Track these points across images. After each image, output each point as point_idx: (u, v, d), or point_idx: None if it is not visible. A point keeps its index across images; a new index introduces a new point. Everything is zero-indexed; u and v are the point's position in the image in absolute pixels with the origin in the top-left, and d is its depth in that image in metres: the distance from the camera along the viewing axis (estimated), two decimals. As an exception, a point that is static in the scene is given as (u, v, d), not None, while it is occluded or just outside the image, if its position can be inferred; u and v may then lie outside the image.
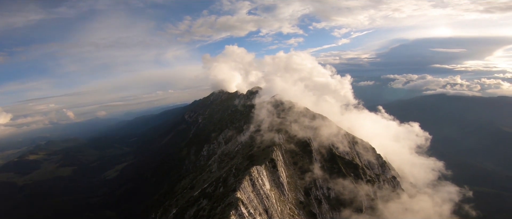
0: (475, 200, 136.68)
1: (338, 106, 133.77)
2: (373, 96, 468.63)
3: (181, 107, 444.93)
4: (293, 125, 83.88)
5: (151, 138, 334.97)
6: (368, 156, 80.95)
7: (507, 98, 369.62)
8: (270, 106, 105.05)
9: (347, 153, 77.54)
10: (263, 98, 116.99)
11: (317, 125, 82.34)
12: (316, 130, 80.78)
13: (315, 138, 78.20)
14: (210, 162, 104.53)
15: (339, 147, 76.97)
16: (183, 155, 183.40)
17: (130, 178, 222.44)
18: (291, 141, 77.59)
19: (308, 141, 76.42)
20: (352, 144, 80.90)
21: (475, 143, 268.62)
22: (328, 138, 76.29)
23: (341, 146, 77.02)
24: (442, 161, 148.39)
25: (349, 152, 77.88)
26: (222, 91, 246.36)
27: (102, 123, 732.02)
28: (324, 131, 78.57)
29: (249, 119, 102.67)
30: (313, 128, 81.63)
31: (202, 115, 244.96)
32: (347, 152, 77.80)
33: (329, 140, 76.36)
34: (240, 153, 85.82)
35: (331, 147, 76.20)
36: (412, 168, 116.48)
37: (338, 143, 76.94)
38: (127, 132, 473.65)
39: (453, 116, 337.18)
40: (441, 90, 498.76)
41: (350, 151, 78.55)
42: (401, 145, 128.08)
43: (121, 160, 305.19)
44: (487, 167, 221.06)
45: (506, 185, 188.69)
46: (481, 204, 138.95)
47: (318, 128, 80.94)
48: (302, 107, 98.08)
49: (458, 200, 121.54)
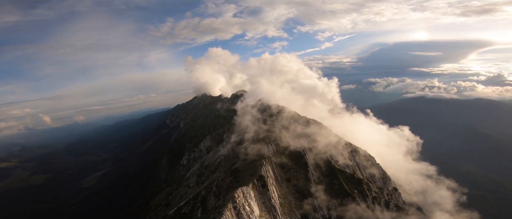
0: (470, 204, 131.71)
1: (326, 110, 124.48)
2: (356, 100, 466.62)
3: (163, 112, 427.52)
4: (284, 132, 71.71)
5: (132, 143, 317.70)
6: (368, 167, 69.94)
7: (482, 101, 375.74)
8: (255, 111, 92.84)
9: (348, 165, 65.97)
10: (247, 102, 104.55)
11: (311, 132, 70.51)
12: (310, 138, 68.92)
13: (310, 148, 66.24)
14: (189, 175, 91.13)
15: (339, 160, 65.36)
16: (163, 164, 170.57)
17: (109, 186, 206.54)
18: (282, 153, 65.25)
19: (303, 152, 64.33)
20: (352, 155, 69.50)
21: (455, 145, 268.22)
22: (326, 149, 64.54)
23: (341, 158, 65.45)
24: (430, 164, 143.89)
25: (349, 165, 66.34)
26: (205, 95, 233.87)
27: (81, 128, 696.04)
28: (321, 140, 66.80)
29: (231, 127, 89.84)
30: (307, 136, 69.79)
31: (184, 119, 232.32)
32: (348, 164, 66.24)
33: (327, 152, 64.59)
34: (222, 166, 72.82)
35: (329, 159, 64.44)
36: (407, 175, 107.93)
37: (338, 155, 65.35)
38: (107, 137, 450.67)
39: (433, 118, 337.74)
40: (420, 93, 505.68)
41: (351, 163, 67.06)
42: (393, 150, 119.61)
43: (99, 167, 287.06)
44: (469, 169, 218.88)
45: (490, 187, 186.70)
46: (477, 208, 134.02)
47: (313, 136, 69.14)
48: (292, 112, 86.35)
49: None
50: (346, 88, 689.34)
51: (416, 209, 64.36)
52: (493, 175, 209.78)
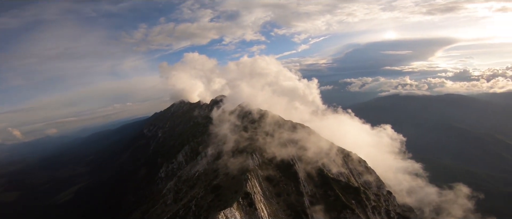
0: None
1: (308, 112, 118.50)
2: (334, 101, 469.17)
3: (141, 121, 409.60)
4: (268, 140, 63.66)
5: (109, 155, 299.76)
6: (362, 172, 63.36)
7: (452, 96, 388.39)
8: (234, 118, 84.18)
9: (341, 173, 58.99)
10: (224, 109, 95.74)
11: (299, 138, 62.97)
12: (299, 145, 61.41)
13: (299, 156, 58.66)
14: (165, 191, 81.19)
15: (332, 168, 58.19)
16: (140, 176, 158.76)
17: (84, 201, 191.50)
18: (268, 164, 57.27)
19: (292, 162, 56.65)
20: (344, 161, 62.60)
21: (431, 140, 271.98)
22: (317, 157, 57.12)
23: (334, 166, 58.32)
24: (414, 161, 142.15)
25: (343, 172, 59.36)
26: (183, 102, 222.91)
27: (54, 141, 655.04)
28: (311, 147, 59.33)
29: (207, 138, 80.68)
30: (295, 142, 62.26)
31: (162, 128, 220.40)
32: (341, 172, 59.24)
33: (319, 160, 57.17)
34: (202, 181, 63.76)
35: (321, 167, 57.04)
36: (396, 174, 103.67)
37: (331, 163, 58.13)
38: (82, 150, 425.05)
39: (408, 115, 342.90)
40: (394, 91, 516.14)
41: (345, 170, 60.07)
42: (379, 149, 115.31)
43: (75, 181, 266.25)
44: (446, 162, 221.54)
45: (467, 179, 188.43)
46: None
47: (302, 142, 61.64)
48: (276, 116, 78.45)
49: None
50: (324, 90, 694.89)
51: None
52: (468, 166, 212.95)
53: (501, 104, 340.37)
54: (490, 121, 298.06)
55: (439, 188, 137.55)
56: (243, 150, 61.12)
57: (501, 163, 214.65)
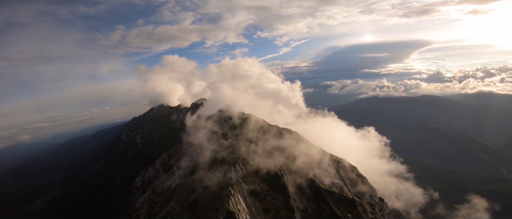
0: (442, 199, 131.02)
1: (293, 115, 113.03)
2: (315, 103, 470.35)
3: (119, 126, 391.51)
4: (252, 148, 56.49)
5: (85, 162, 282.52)
6: (355, 180, 57.70)
7: (427, 97, 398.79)
8: (212, 124, 76.26)
9: (334, 183, 52.90)
10: (200, 113, 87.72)
11: (287, 145, 56.36)
12: (287, 153, 54.78)
13: (288, 166, 52.01)
14: (139, 204, 72.29)
15: (324, 179, 51.94)
16: (116, 185, 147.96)
17: (58, 211, 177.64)
18: (253, 175, 50.23)
19: (280, 173, 49.94)
20: (337, 170, 56.64)
21: (411, 140, 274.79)
22: (308, 166, 50.69)
23: (326, 176, 52.12)
24: (399, 163, 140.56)
25: (336, 183, 53.30)
26: (162, 106, 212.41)
27: (26, 148, 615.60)
28: (300, 155, 52.86)
29: (180, 147, 72.39)
30: (282, 150, 55.58)
31: (140, 133, 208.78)
32: (334, 182, 53.13)
33: (309, 171, 50.76)
34: (179, 194, 55.68)
35: (313, 178, 50.68)
36: (383, 177, 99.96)
37: (322, 173, 51.89)
38: (57, 156, 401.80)
39: (387, 116, 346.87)
40: (372, 93, 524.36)
41: (338, 181, 54.02)
42: (364, 151, 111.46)
43: (48, 189, 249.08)
44: (426, 162, 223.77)
45: (447, 178, 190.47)
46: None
47: (290, 150, 55.05)
48: (260, 121, 71.39)
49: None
50: (305, 92, 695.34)
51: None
52: (446, 166, 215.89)
53: (473, 105, 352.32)
54: (464, 121, 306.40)
55: (423, 189, 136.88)
56: (223, 160, 53.62)
57: (477, 162, 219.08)
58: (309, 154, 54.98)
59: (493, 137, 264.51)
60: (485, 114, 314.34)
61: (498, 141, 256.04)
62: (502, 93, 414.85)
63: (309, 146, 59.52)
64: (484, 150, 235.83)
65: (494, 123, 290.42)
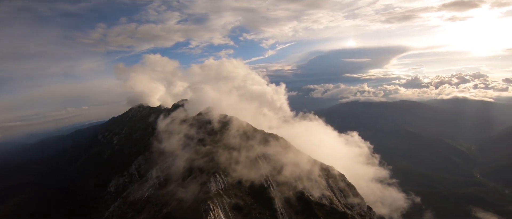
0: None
1: (278, 119, 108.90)
2: (298, 107, 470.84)
3: (96, 126, 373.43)
4: (234, 156, 51.05)
5: (59, 163, 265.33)
6: (344, 189, 53.79)
7: (406, 102, 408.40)
8: (188, 129, 69.89)
9: (324, 195, 48.60)
10: (174, 117, 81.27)
11: (273, 153, 51.52)
12: (273, 161, 49.95)
13: (274, 176, 47.19)
14: (108, 214, 65.20)
15: (314, 190, 47.55)
16: (90, 189, 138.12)
17: (28, 213, 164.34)
18: (236, 187, 44.97)
19: (266, 184, 45.03)
20: (326, 179, 52.47)
21: (390, 144, 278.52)
22: (297, 177, 46.06)
23: (316, 187, 47.76)
24: (381, 167, 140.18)
25: (326, 194, 49.02)
26: (142, 106, 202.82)
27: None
28: (288, 164, 48.18)
29: (150, 155, 65.83)
30: (268, 158, 50.70)
31: (118, 134, 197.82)
32: (325, 194, 48.82)
33: (298, 180, 46.18)
34: (151, 205, 49.54)
35: (301, 189, 46.13)
36: (368, 183, 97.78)
37: (312, 184, 47.45)
38: (29, 157, 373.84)
39: (367, 121, 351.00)
40: (353, 98, 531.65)
41: (329, 193, 49.77)
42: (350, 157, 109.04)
43: (19, 191, 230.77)
44: (405, 167, 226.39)
45: (423, 182, 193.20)
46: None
47: (277, 158, 50.25)
48: (244, 125, 66.03)
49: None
50: (289, 96, 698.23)
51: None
52: (424, 170, 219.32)
53: (448, 110, 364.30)
54: (439, 126, 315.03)
55: (406, 194, 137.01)
56: (201, 170, 47.85)
57: (451, 166, 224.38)
58: (298, 163, 50.44)
59: (466, 142, 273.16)
60: (459, 119, 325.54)
61: (471, 146, 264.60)
62: (475, 99, 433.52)
63: (297, 154, 55.04)
64: (459, 155, 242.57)
65: (468, 128, 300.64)
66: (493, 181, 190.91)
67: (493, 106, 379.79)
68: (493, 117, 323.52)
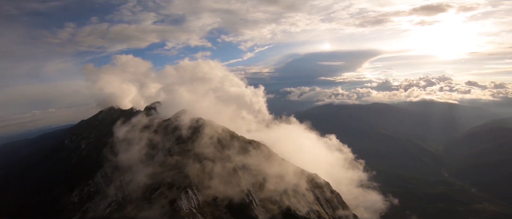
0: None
1: (257, 122, 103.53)
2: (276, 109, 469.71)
3: (64, 129, 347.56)
4: (208, 167, 43.79)
5: (23, 169, 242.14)
6: (331, 199, 48.67)
7: (377, 105, 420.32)
8: (152, 136, 61.40)
9: (312, 209, 43.03)
10: (135, 123, 72.76)
11: (255, 164, 44.99)
12: (255, 173, 43.56)
13: (256, 190, 40.80)
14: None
15: (301, 204, 41.77)
16: (54, 198, 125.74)
17: None
18: (212, 204, 37.95)
19: (247, 200, 38.51)
20: (313, 192, 46.95)
21: (365, 147, 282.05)
22: (281, 188, 40.02)
23: (304, 202, 42.02)
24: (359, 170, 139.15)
25: (314, 209, 43.46)
26: (112, 109, 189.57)
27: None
28: (271, 175, 42.01)
29: (107, 170, 57.11)
30: (249, 169, 44.14)
31: (86, 138, 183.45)
32: (313, 209, 43.23)
33: (283, 193, 40.16)
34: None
35: (288, 204, 40.13)
36: (349, 187, 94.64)
37: (300, 200, 41.57)
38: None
39: (342, 123, 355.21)
40: (328, 101, 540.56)
41: (317, 207, 44.19)
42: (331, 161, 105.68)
43: None
44: (380, 168, 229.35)
45: (399, 183, 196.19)
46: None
47: (258, 168, 43.89)
48: (219, 131, 58.64)
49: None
50: (267, 98, 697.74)
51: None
52: (397, 170, 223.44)
53: (417, 113, 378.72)
54: (409, 127, 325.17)
55: (384, 195, 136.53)
56: (170, 184, 40.15)
57: (422, 166, 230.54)
58: (283, 176, 44.41)
59: (434, 142, 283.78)
60: (427, 121, 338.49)
61: (439, 146, 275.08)
62: (441, 102, 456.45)
63: (281, 163, 48.96)
64: (428, 155, 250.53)
65: (435, 129, 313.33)
66: (460, 180, 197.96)
67: (457, 108, 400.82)
68: (458, 119, 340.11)
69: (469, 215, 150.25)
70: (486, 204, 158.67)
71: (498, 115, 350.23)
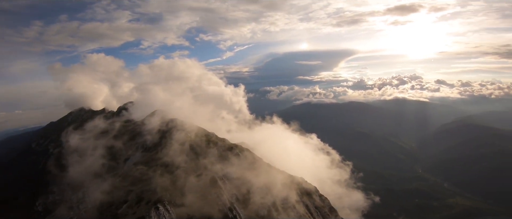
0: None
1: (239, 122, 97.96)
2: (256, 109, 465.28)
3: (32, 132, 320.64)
4: (181, 177, 37.03)
5: None
6: (319, 205, 43.92)
7: (353, 103, 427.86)
8: (112, 143, 53.00)
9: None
10: (90, 129, 64.42)
11: (237, 172, 38.89)
12: (237, 183, 37.49)
13: (240, 203, 34.87)
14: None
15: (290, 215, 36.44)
16: (19, 207, 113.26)
17: None
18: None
19: (231, 215, 32.54)
20: (302, 202, 41.78)
21: (344, 145, 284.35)
22: (269, 205, 34.38)
23: (292, 211, 36.65)
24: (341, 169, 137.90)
25: None
26: (83, 110, 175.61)
27: None
28: (257, 185, 36.27)
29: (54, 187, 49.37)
30: (230, 180, 37.99)
31: (55, 142, 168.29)
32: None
33: (271, 206, 34.63)
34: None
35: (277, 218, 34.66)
36: (332, 187, 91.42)
37: (290, 214, 36.06)
38: None
39: (320, 122, 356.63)
40: (306, 100, 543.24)
41: (307, 215, 39.15)
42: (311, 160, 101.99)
43: None
44: (358, 165, 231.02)
45: (377, 180, 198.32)
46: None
47: (243, 178, 37.87)
48: (193, 136, 51.34)
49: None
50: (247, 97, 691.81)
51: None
52: (374, 168, 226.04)
53: (391, 110, 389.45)
54: (384, 125, 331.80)
55: (365, 193, 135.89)
56: (138, 199, 33.09)
57: (397, 163, 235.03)
58: (270, 186, 38.66)
59: (408, 139, 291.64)
60: (400, 119, 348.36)
61: (412, 143, 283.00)
62: (413, 99, 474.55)
63: (268, 171, 43.03)
64: (402, 152, 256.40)
65: (408, 126, 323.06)
66: (434, 175, 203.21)
67: (428, 106, 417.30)
68: (428, 116, 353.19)
69: (443, 209, 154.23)
70: (458, 198, 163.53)
71: (465, 112, 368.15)
